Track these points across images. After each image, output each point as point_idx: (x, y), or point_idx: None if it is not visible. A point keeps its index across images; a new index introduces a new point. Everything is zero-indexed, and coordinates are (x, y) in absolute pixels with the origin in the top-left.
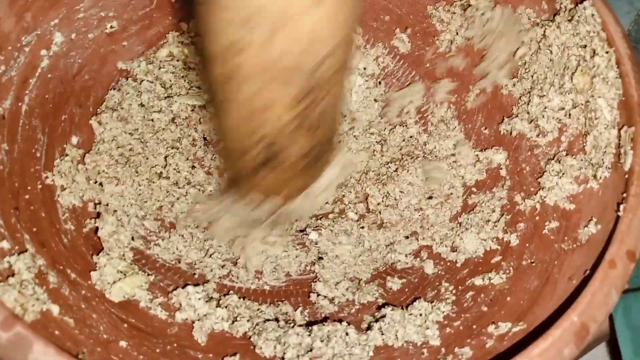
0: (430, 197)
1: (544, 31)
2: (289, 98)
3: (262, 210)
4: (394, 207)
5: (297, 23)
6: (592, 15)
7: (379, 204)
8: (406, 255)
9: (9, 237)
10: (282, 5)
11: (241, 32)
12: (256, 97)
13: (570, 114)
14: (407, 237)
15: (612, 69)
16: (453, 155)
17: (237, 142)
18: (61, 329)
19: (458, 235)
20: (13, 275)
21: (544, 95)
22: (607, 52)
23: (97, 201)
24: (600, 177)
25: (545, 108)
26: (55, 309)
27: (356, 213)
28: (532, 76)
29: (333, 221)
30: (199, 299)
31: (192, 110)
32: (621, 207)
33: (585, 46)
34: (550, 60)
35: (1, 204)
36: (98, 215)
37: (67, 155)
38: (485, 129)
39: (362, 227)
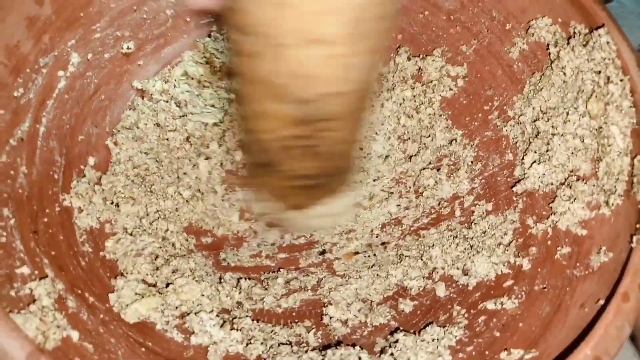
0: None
1: (558, 52)
2: (284, 117)
3: (264, 207)
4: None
5: (287, 53)
6: (607, 42)
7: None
8: (417, 279)
9: (29, 262)
10: (274, 31)
11: (240, 37)
12: (256, 101)
13: (583, 139)
14: (419, 259)
15: (626, 98)
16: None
17: (244, 133)
18: (81, 355)
19: (469, 258)
20: (34, 301)
21: (558, 116)
22: (621, 80)
23: (113, 222)
24: (613, 204)
25: (558, 130)
26: (75, 335)
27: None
28: (544, 97)
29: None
30: (213, 325)
31: (205, 128)
32: (634, 238)
33: (599, 72)
34: (564, 82)
35: (21, 229)
36: (114, 235)
37: (84, 176)
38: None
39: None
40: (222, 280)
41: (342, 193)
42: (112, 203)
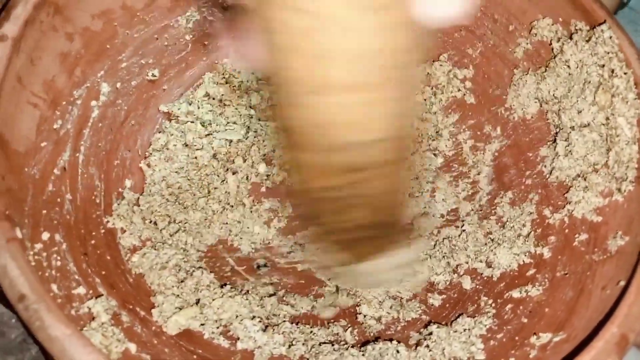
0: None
1: (561, 46)
2: (323, 166)
3: (330, 260)
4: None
5: (320, 100)
6: (610, 37)
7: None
8: (443, 274)
9: (83, 282)
10: (306, 81)
11: (274, 89)
12: (294, 151)
13: (598, 130)
14: (443, 257)
15: (631, 90)
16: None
17: (298, 183)
18: None
19: (491, 251)
20: (94, 319)
21: (571, 108)
22: (625, 73)
23: (153, 239)
24: (625, 191)
25: (575, 122)
26: (132, 347)
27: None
28: (550, 90)
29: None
30: (257, 330)
31: (230, 145)
32: None
33: (603, 66)
34: (569, 74)
35: (72, 252)
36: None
37: (124, 198)
38: None
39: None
40: (258, 289)
41: (402, 248)
42: (150, 222)
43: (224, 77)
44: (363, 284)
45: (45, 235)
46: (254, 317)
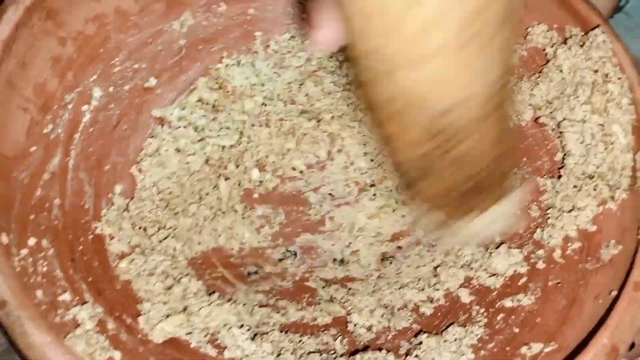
0: None
1: (555, 51)
2: (415, 133)
3: (427, 219)
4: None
5: (411, 70)
6: (604, 41)
7: None
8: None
9: (70, 288)
10: (395, 51)
11: (363, 65)
12: (383, 125)
13: (588, 133)
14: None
15: (625, 96)
16: None
17: (388, 153)
18: None
19: (489, 259)
20: (78, 326)
21: (561, 108)
22: (619, 78)
23: (142, 246)
24: (618, 199)
25: (575, 129)
26: (117, 355)
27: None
28: (543, 96)
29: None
30: (245, 339)
31: (222, 150)
32: None
33: (596, 71)
34: (562, 79)
35: (59, 257)
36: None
37: (113, 204)
38: None
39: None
40: (248, 296)
41: (503, 200)
42: (140, 228)
43: (217, 83)
44: (465, 242)
45: (32, 241)
46: (242, 325)
